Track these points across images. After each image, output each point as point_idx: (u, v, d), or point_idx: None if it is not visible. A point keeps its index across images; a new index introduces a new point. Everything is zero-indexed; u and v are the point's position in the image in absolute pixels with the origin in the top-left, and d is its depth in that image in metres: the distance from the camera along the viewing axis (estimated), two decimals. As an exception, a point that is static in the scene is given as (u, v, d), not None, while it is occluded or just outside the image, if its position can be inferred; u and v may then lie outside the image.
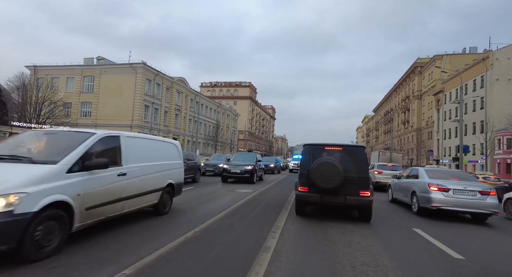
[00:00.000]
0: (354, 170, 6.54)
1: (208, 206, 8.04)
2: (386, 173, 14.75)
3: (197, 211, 7.25)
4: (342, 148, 7.01)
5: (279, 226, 5.94)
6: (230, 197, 9.91)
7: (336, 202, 6.58)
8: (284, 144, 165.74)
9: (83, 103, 41.71)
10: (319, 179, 6.29)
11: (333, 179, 6.21)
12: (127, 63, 40.20)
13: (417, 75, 62.38)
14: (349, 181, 6.41)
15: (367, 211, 6.74)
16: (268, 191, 12.41)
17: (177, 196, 7.23)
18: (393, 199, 10.83)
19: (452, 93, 44.48)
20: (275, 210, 7.87)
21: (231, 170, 14.75)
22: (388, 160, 20.53)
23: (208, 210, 7.33)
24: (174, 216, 6.56)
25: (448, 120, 45.54)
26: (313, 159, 6.70)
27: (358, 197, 6.42)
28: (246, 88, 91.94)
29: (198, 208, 7.75)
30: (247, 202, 9.06)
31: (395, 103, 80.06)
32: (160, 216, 6.27)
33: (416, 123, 61.45)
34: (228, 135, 71.42)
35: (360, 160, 6.66)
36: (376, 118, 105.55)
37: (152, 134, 42.80)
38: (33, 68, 41.57)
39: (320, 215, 7.49)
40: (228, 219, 6.45)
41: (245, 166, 14.87)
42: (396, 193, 10.53)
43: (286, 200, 9.82)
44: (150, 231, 5.17)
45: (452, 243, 5.36)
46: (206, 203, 8.56)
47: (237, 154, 19.43)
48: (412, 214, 8.45)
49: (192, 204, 8.20)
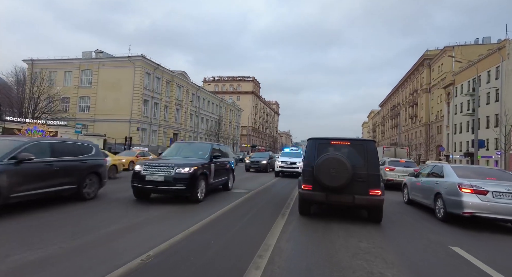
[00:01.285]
0: (363, 166, 5.99)
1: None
2: (398, 170, 13.65)
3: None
4: (350, 142, 6.46)
5: (270, 244, 4.61)
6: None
7: (343, 202, 6.04)
8: (289, 139, 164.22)
9: (81, 97, 40.68)
10: (325, 176, 5.79)
11: (339, 176, 5.72)
12: (126, 56, 38.96)
13: (426, 68, 60.16)
14: (358, 178, 5.88)
15: (377, 212, 6.18)
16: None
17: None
18: (410, 200, 9.48)
19: (463, 85, 42.49)
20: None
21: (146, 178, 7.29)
22: (393, 156, 19.68)
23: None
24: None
25: (459, 114, 43.61)
26: (318, 154, 6.17)
27: (368, 196, 5.88)
28: (249, 83, 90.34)
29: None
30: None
31: (402, 98, 77.87)
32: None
33: (424, 117, 59.45)
34: (231, 130, 70.14)
35: (370, 155, 6.10)
36: (382, 113, 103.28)
37: (151, 129, 41.77)
38: (30, 62, 40.61)
39: (324, 222, 6.17)
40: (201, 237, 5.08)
41: (178, 168, 7.23)
42: (413, 193, 9.16)
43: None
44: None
45: (500, 266, 4.02)
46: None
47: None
48: (436, 220, 7.10)
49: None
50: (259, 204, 8.20)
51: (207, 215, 6.28)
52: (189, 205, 7.34)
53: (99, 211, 6.43)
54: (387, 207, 8.49)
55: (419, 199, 8.60)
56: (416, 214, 7.96)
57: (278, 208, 7.50)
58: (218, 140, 55.59)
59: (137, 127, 38.14)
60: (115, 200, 7.82)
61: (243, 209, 7.36)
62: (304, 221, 6.24)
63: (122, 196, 8.29)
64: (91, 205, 6.98)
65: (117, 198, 8.02)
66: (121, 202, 7.55)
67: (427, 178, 8.48)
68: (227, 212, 6.89)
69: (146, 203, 7.44)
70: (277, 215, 6.70)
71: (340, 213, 7.27)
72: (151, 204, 7.36)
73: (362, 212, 7.22)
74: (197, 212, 6.58)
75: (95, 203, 7.24)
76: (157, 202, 7.69)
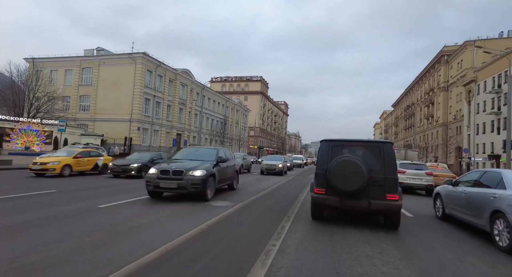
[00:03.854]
0: (379, 169, 5.69)
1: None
2: (409, 173, 13.23)
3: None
4: (366, 144, 6.25)
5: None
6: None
7: (359, 207, 5.77)
8: (298, 141, 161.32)
9: (81, 97, 39.49)
10: (339, 179, 5.56)
11: (354, 180, 5.47)
12: (126, 53, 37.57)
13: (443, 65, 56.74)
14: (374, 182, 5.60)
15: (395, 218, 5.85)
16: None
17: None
18: (446, 215, 7.21)
19: (487, 82, 39.22)
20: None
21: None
22: (403, 158, 19.27)
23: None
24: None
25: (482, 113, 40.33)
26: (332, 156, 5.92)
27: (385, 201, 5.58)
28: (257, 83, 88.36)
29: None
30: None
31: (417, 97, 74.28)
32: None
33: (441, 117, 55.99)
34: (237, 131, 68.20)
35: (387, 158, 5.78)
36: (395, 113, 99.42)
37: (153, 129, 40.22)
38: (31, 60, 39.74)
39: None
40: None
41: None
42: (453, 207, 6.89)
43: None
44: None
45: None
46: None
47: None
48: (497, 251, 4.84)
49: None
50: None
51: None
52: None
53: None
54: (414, 225, 6.60)
55: (464, 216, 6.33)
56: (462, 239, 5.68)
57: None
58: (223, 140, 53.71)
59: (137, 127, 36.60)
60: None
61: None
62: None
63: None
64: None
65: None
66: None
67: (475, 188, 6.21)
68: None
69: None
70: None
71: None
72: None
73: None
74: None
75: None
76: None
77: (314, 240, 4.88)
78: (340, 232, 5.51)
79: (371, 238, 5.16)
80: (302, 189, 12.35)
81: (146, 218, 5.98)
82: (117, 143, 33.95)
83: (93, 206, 6.76)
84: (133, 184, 11.24)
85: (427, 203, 9.80)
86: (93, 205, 6.91)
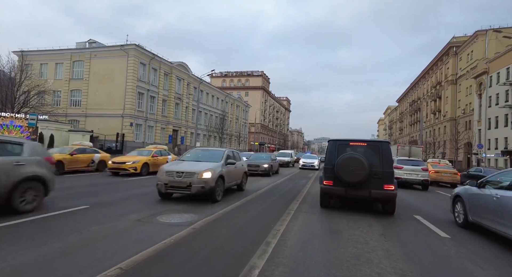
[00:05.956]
0: (378, 164, 6.74)
1: None
2: (406, 169, 13.96)
3: None
4: (367, 143, 7.14)
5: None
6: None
7: (361, 195, 6.80)
8: (300, 137, 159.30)
9: (72, 91, 37.77)
10: (345, 173, 6.55)
11: (358, 173, 6.46)
12: (118, 45, 35.72)
13: (452, 57, 54.25)
14: (374, 175, 6.63)
15: (391, 204, 6.94)
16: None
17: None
18: (469, 222, 5.60)
19: (501, 73, 36.92)
20: None
21: None
22: (407, 154, 19.29)
23: None
24: None
25: (494, 107, 38.09)
26: (338, 154, 6.93)
27: (383, 190, 6.61)
28: (258, 78, 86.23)
29: None
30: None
31: (423, 91, 71.83)
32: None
33: (449, 112, 53.68)
34: (237, 127, 66.32)
35: (384, 154, 6.83)
36: (400, 109, 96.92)
37: (147, 125, 38.47)
38: (20, 53, 38.00)
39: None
40: None
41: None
42: (480, 213, 5.29)
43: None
44: None
45: None
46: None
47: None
48: None
49: None
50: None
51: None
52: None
53: None
54: (429, 243, 5.12)
55: (497, 227, 4.64)
56: (498, 258, 3.84)
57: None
58: (222, 136, 51.93)
59: (130, 123, 34.86)
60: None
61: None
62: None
63: None
64: None
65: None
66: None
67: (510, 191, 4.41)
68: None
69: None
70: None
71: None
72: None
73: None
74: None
75: None
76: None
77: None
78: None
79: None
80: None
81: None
82: (108, 139, 32.26)
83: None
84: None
85: (438, 204, 9.39)
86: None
